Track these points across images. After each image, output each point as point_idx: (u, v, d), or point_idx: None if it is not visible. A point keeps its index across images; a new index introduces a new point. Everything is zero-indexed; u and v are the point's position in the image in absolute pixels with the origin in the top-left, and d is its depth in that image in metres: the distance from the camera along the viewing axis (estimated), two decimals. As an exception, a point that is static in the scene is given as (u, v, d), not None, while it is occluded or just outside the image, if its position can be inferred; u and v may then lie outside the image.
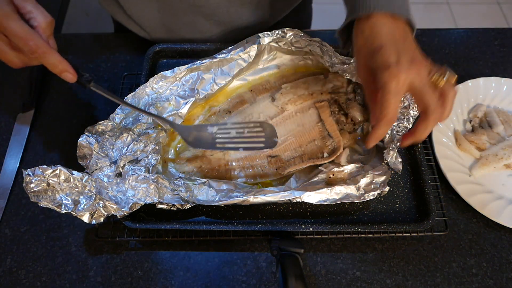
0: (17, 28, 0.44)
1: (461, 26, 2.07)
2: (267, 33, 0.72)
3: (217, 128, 0.63)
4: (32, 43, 0.45)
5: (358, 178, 0.63)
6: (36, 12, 0.46)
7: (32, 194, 0.57)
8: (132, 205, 0.59)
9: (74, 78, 0.52)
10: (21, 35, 0.45)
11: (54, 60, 0.48)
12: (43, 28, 0.47)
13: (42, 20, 0.47)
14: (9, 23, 0.44)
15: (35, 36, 0.45)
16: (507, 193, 0.69)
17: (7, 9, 0.43)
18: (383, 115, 0.48)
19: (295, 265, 0.57)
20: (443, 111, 0.49)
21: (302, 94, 0.72)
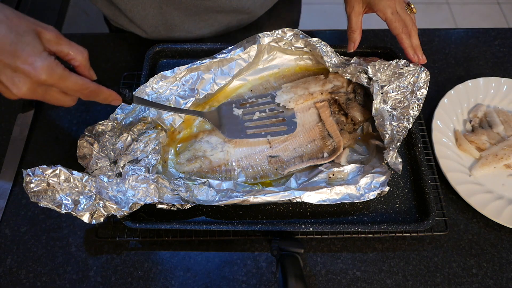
0: (72, 85, 0.48)
1: (461, 26, 2.07)
2: (267, 33, 0.72)
3: (242, 112, 0.71)
4: (86, 92, 0.49)
5: (358, 178, 0.63)
6: (73, 51, 0.49)
7: (32, 194, 0.57)
8: (132, 205, 0.59)
9: (120, 101, 0.55)
10: (76, 89, 0.48)
11: (104, 96, 0.52)
12: (83, 65, 0.50)
13: (80, 58, 0.49)
14: (66, 83, 0.47)
15: (86, 85, 0.49)
16: (507, 193, 0.69)
17: (59, 71, 0.46)
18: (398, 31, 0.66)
19: (295, 265, 0.57)
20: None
21: (302, 94, 0.72)
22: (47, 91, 0.48)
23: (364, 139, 0.71)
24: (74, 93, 0.49)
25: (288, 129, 0.70)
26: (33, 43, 0.45)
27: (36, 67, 0.44)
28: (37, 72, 0.45)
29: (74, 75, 0.48)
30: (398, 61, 0.67)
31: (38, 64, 0.44)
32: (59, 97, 0.49)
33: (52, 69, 0.45)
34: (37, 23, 0.47)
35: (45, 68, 0.45)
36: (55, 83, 0.47)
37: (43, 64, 0.45)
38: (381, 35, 0.88)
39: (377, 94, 0.66)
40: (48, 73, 0.45)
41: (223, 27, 0.86)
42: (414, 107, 0.66)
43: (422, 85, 0.67)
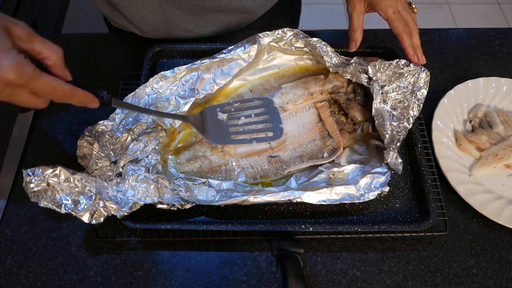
0: (43, 86, 0.44)
1: (461, 26, 2.06)
2: (267, 33, 0.72)
3: (226, 116, 0.68)
4: (59, 94, 0.46)
5: (358, 178, 0.63)
6: (46, 49, 0.45)
7: (32, 194, 0.57)
8: (132, 205, 0.59)
9: (97, 103, 0.52)
10: (47, 90, 0.45)
11: (79, 98, 0.49)
12: (57, 64, 0.46)
13: (54, 57, 0.46)
14: (37, 84, 0.44)
15: (59, 86, 0.46)
16: (507, 193, 0.69)
17: (28, 70, 0.43)
18: (401, 30, 0.66)
19: (295, 265, 0.57)
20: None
21: (302, 94, 0.72)
22: (15, 92, 0.44)
23: (364, 139, 0.71)
24: (45, 94, 0.46)
25: (274, 135, 0.67)
26: (1, 40, 0.42)
27: (3, 66, 0.41)
28: (4, 72, 0.41)
29: (46, 75, 0.45)
30: (398, 61, 0.67)
31: (5, 63, 0.41)
32: (28, 99, 0.45)
33: (21, 68, 0.42)
34: (7, 18, 0.43)
35: (13, 68, 0.41)
36: (24, 84, 0.43)
37: (10, 63, 0.41)
38: (381, 35, 0.88)
39: (377, 94, 0.66)
40: (17, 73, 0.42)
41: (223, 27, 0.86)
42: (414, 107, 0.66)
43: (422, 85, 0.67)
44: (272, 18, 0.95)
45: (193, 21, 0.82)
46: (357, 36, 0.69)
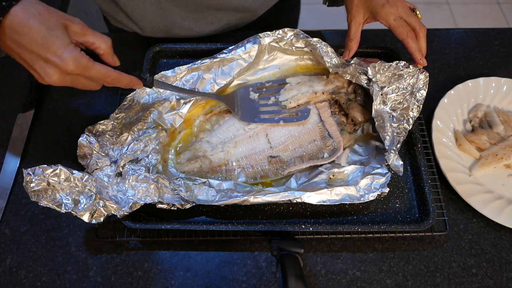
0: (96, 73, 0.53)
1: (461, 26, 2.07)
2: (268, 33, 0.72)
3: (258, 96, 0.73)
4: (109, 80, 0.55)
5: (358, 179, 0.63)
6: (97, 40, 0.53)
7: (32, 193, 0.57)
8: (132, 204, 0.59)
9: (141, 85, 0.60)
10: (99, 77, 0.53)
11: (125, 82, 0.57)
12: (107, 53, 0.54)
13: (104, 46, 0.54)
14: (90, 73, 0.52)
15: (108, 74, 0.54)
16: (507, 193, 0.69)
17: (84, 61, 0.51)
18: (403, 36, 0.66)
19: (295, 265, 0.57)
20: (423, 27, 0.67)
21: (306, 91, 0.72)
22: (75, 78, 0.53)
23: (364, 140, 0.71)
24: (98, 80, 0.54)
25: (301, 115, 0.71)
26: (61, 37, 0.50)
27: (64, 59, 0.49)
28: (64, 64, 0.49)
29: (98, 65, 0.53)
30: (398, 63, 0.67)
31: (65, 56, 0.49)
32: (85, 83, 0.54)
33: (78, 60, 0.50)
34: (66, 16, 0.51)
35: (71, 60, 0.50)
36: (80, 73, 0.51)
37: (69, 56, 0.49)
38: (381, 35, 0.88)
39: (376, 95, 0.66)
40: (74, 64, 0.50)
41: (223, 25, 0.86)
42: (414, 108, 0.66)
43: (421, 86, 0.67)
44: (272, 17, 0.95)
45: (192, 19, 0.82)
46: (352, 45, 0.69)
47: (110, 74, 0.54)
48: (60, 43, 0.49)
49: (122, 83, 0.57)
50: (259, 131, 0.70)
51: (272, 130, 0.71)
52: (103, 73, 0.53)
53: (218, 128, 0.71)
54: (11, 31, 0.49)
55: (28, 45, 0.49)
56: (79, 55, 0.51)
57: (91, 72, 0.52)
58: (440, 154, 0.71)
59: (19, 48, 0.51)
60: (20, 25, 0.49)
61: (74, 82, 0.53)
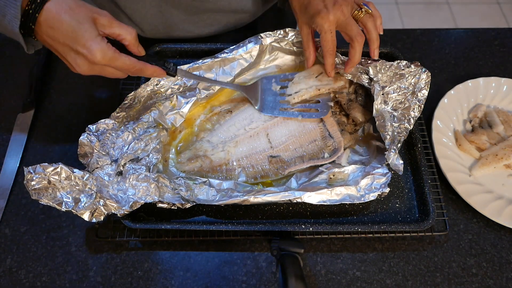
0: (121, 64, 0.56)
1: (461, 26, 2.07)
2: (269, 33, 0.72)
3: (279, 87, 0.72)
4: (133, 70, 0.58)
5: (359, 179, 0.63)
6: (123, 32, 0.56)
7: (33, 191, 0.57)
8: (132, 203, 0.59)
9: (165, 74, 0.61)
10: (125, 68, 0.57)
11: (149, 72, 0.60)
12: (132, 44, 0.57)
13: (129, 38, 0.57)
14: (116, 64, 0.55)
15: (133, 64, 0.57)
16: (507, 193, 0.69)
17: (110, 53, 0.54)
18: (326, 49, 0.64)
19: (295, 265, 0.57)
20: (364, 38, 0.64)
21: (311, 87, 0.71)
22: (103, 68, 0.56)
23: (365, 140, 0.71)
24: (123, 70, 0.58)
25: (320, 112, 0.70)
26: (90, 30, 0.53)
27: (92, 51, 0.53)
28: (92, 55, 0.53)
29: (123, 56, 0.56)
30: (399, 62, 0.67)
31: (93, 48, 0.53)
32: (112, 72, 0.58)
33: (105, 52, 0.54)
34: (94, 10, 0.55)
35: (99, 51, 0.53)
36: (107, 63, 0.55)
37: (97, 48, 0.53)
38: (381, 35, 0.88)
39: (378, 95, 0.66)
40: (101, 55, 0.53)
41: (222, 27, 0.86)
42: (415, 108, 0.66)
43: (423, 86, 0.67)
44: (271, 17, 0.95)
45: (192, 22, 0.83)
46: (307, 54, 0.69)
47: (134, 64, 0.57)
48: (89, 36, 0.53)
49: (146, 73, 0.59)
50: (260, 130, 0.70)
51: (272, 130, 0.71)
52: (128, 64, 0.56)
53: (218, 128, 0.71)
54: (46, 26, 0.53)
55: (60, 39, 0.53)
56: (106, 47, 0.54)
57: (117, 63, 0.55)
58: (440, 154, 0.71)
59: (53, 41, 0.54)
60: (54, 20, 0.52)
61: (102, 71, 0.57)
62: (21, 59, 0.83)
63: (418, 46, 0.87)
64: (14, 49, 0.84)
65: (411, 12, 2.12)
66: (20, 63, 0.82)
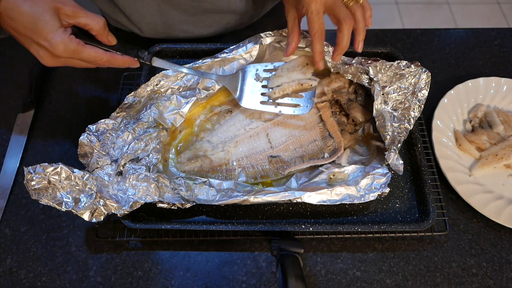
0: (87, 56, 0.54)
1: (461, 26, 2.07)
2: (269, 33, 0.72)
3: (262, 78, 0.68)
4: (101, 62, 0.56)
5: (359, 179, 0.63)
6: (89, 21, 0.54)
7: (33, 191, 0.57)
8: (132, 203, 0.59)
9: (137, 64, 0.60)
10: (91, 60, 0.55)
11: (119, 63, 0.58)
12: (100, 33, 0.55)
13: (97, 27, 0.54)
14: (81, 56, 0.54)
15: (99, 56, 0.55)
16: (507, 193, 0.69)
17: (73, 46, 0.52)
18: (313, 32, 0.61)
19: (295, 265, 0.57)
20: (353, 22, 0.60)
21: (293, 80, 0.67)
22: (68, 60, 0.55)
23: (365, 140, 0.71)
24: (90, 62, 0.56)
25: (302, 107, 0.66)
26: (51, 22, 0.51)
27: (53, 44, 0.51)
28: (54, 49, 0.51)
29: (88, 48, 0.54)
30: (399, 62, 0.67)
31: (54, 41, 0.51)
32: (79, 64, 0.56)
33: (67, 45, 0.52)
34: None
35: (60, 45, 0.51)
36: (70, 56, 0.53)
37: (58, 41, 0.51)
38: (381, 35, 0.88)
39: (378, 95, 0.66)
40: (63, 49, 0.52)
41: (222, 28, 0.86)
42: (415, 108, 0.66)
43: (423, 86, 0.67)
44: (271, 17, 0.95)
45: (191, 22, 0.82)
46: (289, 40, 0.65)
47: (101, 56, 0.55)
48: (50, 28, 0.51)
49: (116, 64, 0.57)
50: (260, 130, 0.70)
51: (272, 130, 0.71)
52: (94, 56, 0.54)
53: (218, 128, 0.71)
54: (6, 17, 0.51)
55: (21, 30, 0.51)
56: (68, 39, 0.52)
57: (81, 55, 0.54)
58: (440, 154, 0.71)
59: (15, 32, 0.52)
60: (12, 11, 0.50)
61: (67, 63, 0.55)
62: (21, 59, 0.83)
63: (418, 46, 0.87)
64: (14, 49, 0.84)
65: (411, 12, 2.12)
66: (20, 63, 0.82)
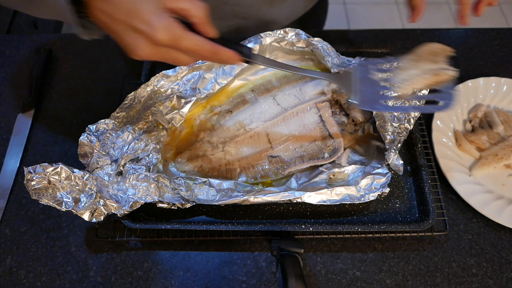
0: (190, 45, 0.46)
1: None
2: (269, 33, 0.72)
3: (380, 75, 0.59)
4: (204, 53, 0.47)
5: (359, 179, 0.63)
6: (191, 7, 0.46)
7: (33, 191, 0.57)
8: (132, 203, 0.59)
9: (239, 59, 0.51)
10: (194, 49, 0.47)
11: (223, 57, 0.49)
12: (202, 22, 0.47)
13: (201, 14, 0.46)
14: (183, 43, 0.46)
15: (204, 45, 0.47)
16: (507, 193, 0.69)
17: (177, 31, 0.44)
18: None
19: (295, 265, 0.57)
20: None
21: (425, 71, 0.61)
22: (168, 51, 0.46)
23: (365, 140, 0.71)
24: (192, 53, 0.48)
25: (445, 103, 0.55)
26: (151, 1, 0.43)
27: (154, 27, 0.43)
28: (154, 32, 0.43)
29: (192, 35, 0.46)
30: (399, 62, 0.67)
31: (156, 24, 0.43)
32: (177, 57, 0.48)
33: (170, 29, 0.44)
34: None
35: (162, 28, 0.43)
36: (172, 44, 0.45)
37: (160, 23, 0.43)
38: (381, 35, 0.88)
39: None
40: (166, 32, 0.44)
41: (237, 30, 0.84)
42: (415, 108, 0.66)
43: (423, 86, 0.66)
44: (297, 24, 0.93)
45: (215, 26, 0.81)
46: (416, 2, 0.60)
47: (205, 46, 0.47)
48: (151, 8, 0.43)
49: (219, 58, 0.49)
50: (260, 130, 0.70)
51: (272, 130, 0.71)
52: (197, 45, 0.46)
53: (218, 128, 0.71)
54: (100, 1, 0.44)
55: (117, 14, 0.43)
56: (172, 23, 0.44)
57: (185, 43, 0.45)
58: (440, 154, 0.71)
59: (108, 18, 0.44)
60: None
61: (166, 55, 0.47)
62: (21, 59, 0.83)
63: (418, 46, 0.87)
64: (14, 49, 0.84)
65: (411, 12, 2.12)
66: (20, 63, 0.83)
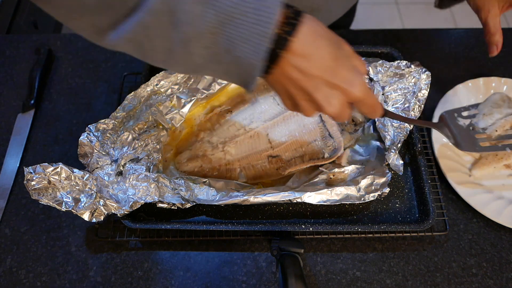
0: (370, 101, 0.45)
1: (461, 26, 2.07)
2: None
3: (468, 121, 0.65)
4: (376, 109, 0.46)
5: (359, 179, 0.63)
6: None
7: (33, 191, 0.57)
8: (132, 203, 0.59)
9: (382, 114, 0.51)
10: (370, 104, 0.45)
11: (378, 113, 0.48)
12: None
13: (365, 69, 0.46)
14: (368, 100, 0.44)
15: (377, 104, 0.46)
16: (507, 193, 0.69)
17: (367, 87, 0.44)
18: None
19: (295, 265, 0.57)
20: None
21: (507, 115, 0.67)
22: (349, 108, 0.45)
23: (365, 140, 0.71)
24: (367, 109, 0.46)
25: None
26: (347, 56, 0.42)
27: (353, 84, 0.42)
28: (352, 88, 0.42)
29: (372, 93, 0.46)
30: (399, 62, 0.67)
31: (355, 81, 0.42)
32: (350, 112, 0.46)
33: (365, 85, 0.43)
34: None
35: (360, 85, 0.42)
36: (361, 100, 0.44)
37: (358, 81, 0.42)
38: (381, 35, 0.88)
39: (378, 95, 0.66)
40: (362, 90, 0.43)
41: None
42: (415, 108, 0.66)
43: (423, 86, 0.67)
44: None
45: None
46: (497, 39, 0.63)
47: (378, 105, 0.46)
48: (349, 65, 0.42)
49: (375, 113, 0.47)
50: (260, 130, 0.70)
51: (272, 130, 0.71)
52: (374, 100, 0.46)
53: (218, 128, 0.71)
54: (298, 55, 0.40)
55: (313, 70, 0.40)
56: (364, 79, 0.43)
57: (369, 100, 0.44)
58: (440, 154, 0.71)
59: (299, 73, 0.41)
60: (310, 45, 0.40)
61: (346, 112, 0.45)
62: (21, 59, 0.83)
63: (418, 46, 0.87)
64: (14, 49, 0.84)
65: (411, 12, 2.12)
66: (20, 63, 0.83)
